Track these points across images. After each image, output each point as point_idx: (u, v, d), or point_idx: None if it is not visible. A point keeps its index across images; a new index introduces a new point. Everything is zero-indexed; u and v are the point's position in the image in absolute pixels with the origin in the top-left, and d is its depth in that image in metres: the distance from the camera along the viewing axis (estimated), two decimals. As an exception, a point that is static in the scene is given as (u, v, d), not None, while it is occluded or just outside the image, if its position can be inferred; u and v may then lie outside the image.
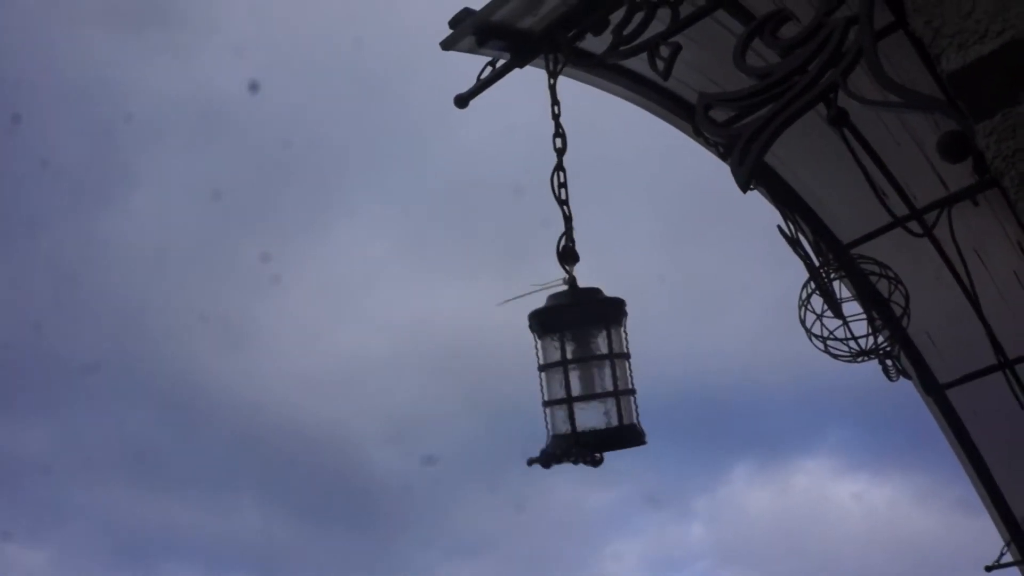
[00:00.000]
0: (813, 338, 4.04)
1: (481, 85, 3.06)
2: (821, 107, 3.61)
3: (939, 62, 1.34)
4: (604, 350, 2.68)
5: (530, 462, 2.62)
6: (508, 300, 2.76)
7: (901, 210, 3.99)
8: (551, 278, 2.80)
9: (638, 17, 2.73)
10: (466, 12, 2.89)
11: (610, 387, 2.65)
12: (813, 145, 3.91)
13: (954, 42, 1.32)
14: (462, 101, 3.06)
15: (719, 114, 2.52)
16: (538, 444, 2.74)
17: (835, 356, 4.06)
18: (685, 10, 2.71)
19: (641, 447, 2.73)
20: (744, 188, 2.30)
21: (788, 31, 2.40)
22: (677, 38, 2.79)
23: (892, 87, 2.06)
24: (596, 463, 2.66)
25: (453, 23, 2.90)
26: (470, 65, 3.12)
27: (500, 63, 3.04)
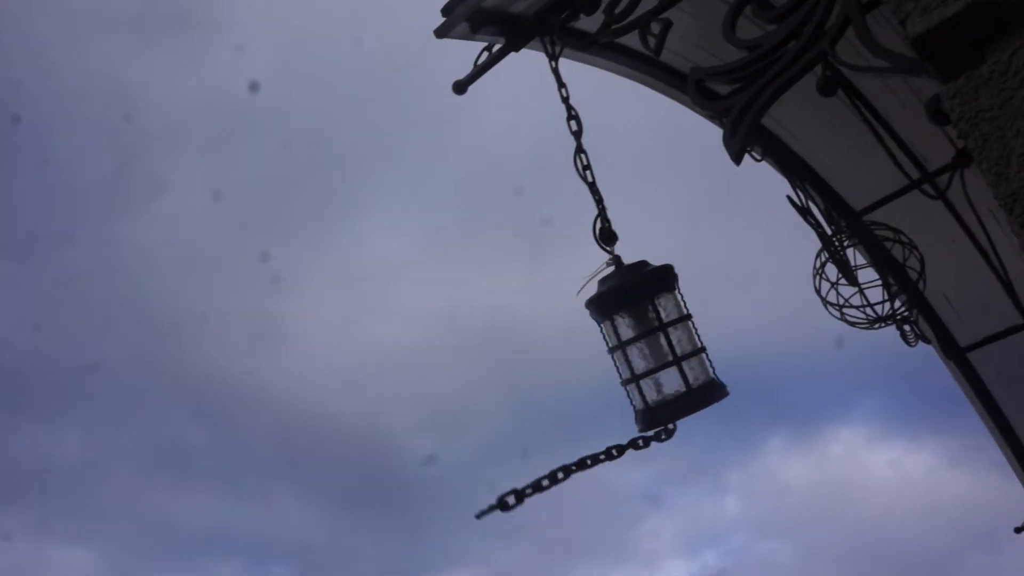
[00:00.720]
0: (829, 306, 4.03)
1: (478, 71, 3.07)
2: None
3: (904, 26, 1.34)
4: (657, 321, 2.71)
5: (479, 515, 2.52)
6: (578, 291, 2.82)
7: (913, 174, 3.95)
8: (590, 258, 2.84)
9: (628, -5, 2.72)
10: (458, -1, 2.90)
11: (670, 356, 2.67)
12: (821, 114, 3.88)
13: (918, 6, 1.32)
14: (460, 87, 3.08)
15: (712, 88, 2.52)
16: (564, 425, 2.76)
17: (852, 323, 4.04)
18: (675, -15, 2.69)
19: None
20: (737, 160, 2.30)
21: (777, 1, 2.39)
22: (671, 12, 2.78)
23: (881, 52, 2.05)
24: (668, 435, 2.71)
25: (446, 11, 2.91)
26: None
27: (496, 48, 3.04)
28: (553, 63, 2.87)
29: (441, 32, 2.93)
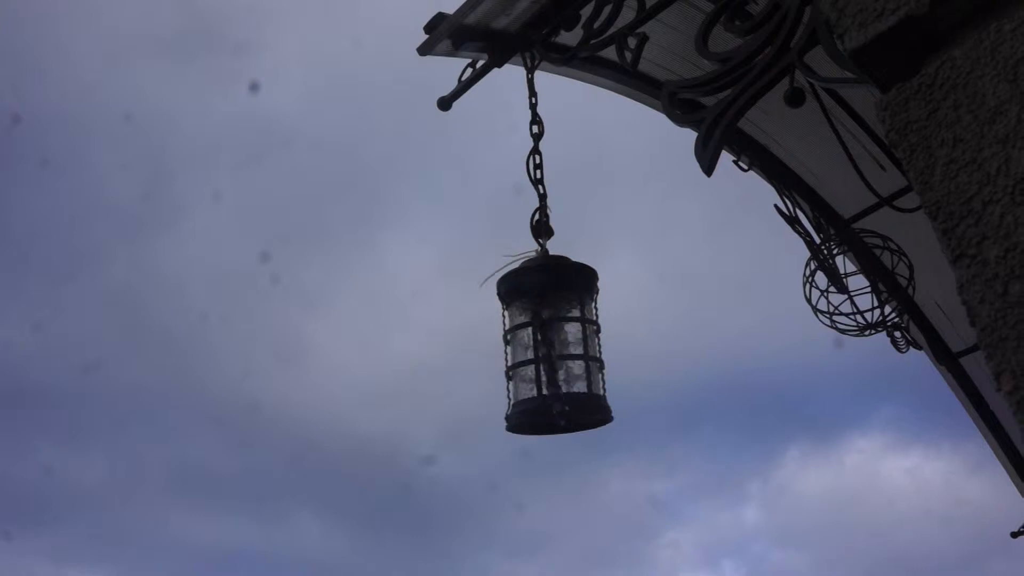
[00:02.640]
0: (819, 314, 4.06)
1: (462, 87, 3.13)
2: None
3: (842, 41, 1.38)
4: (575, 313, 2.63)
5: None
6: (487, 279, 2.74)
7: (900, 182, 3.99)
8: (612, 274, 2.75)
9: (607, 10, 2.78)
10: (440, 16, 2.96)
11: (581, 351, 2.58)
12: (808, 123, 3.92)
13: (855, 21, 1.36)
14: (445, 103, 3.13)
15: (688, 99, 2.57)
16: (587, 439, 2.62)
17: (842, 331, 4.07)
18: (652, -1, 2.75)
19: (610, 425, 2.62)
20: (708, 172, 2.34)
21: (748, 14, 2.44)
22: (650, 25, 2.84)
23: (846, 64, 2.10)
24: (563, 427, 2.57)
25: (428, 28, 2.97)
26: (512, 76, 3.15)
27: (479, 64, 3.10)
28: (529, 75, 2.93)
29: (424, 49, 2.98)
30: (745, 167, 3.88)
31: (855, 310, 4.00)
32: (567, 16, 2.90)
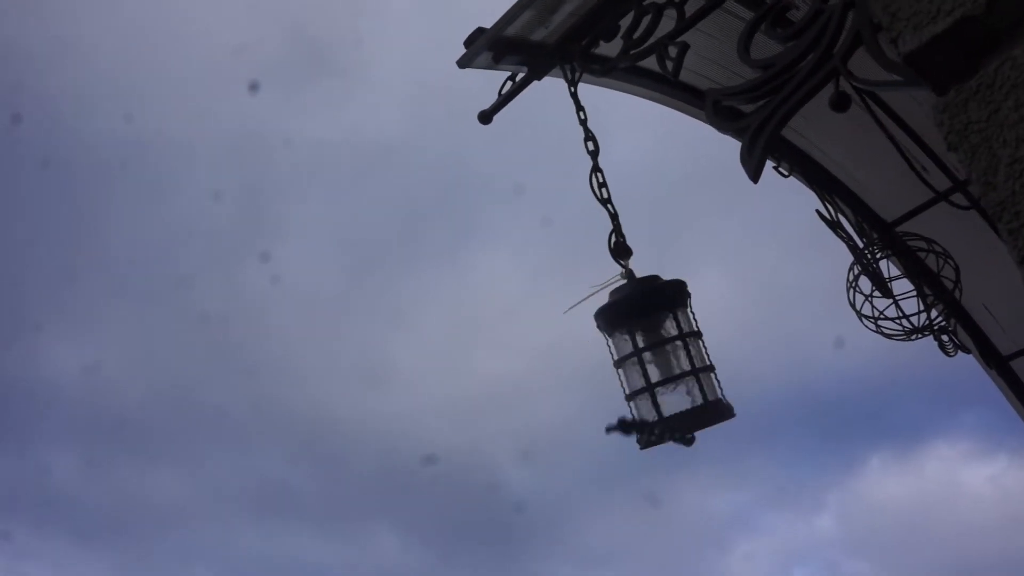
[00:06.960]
0: (864, 319, 4.01)
1: (503, 100, 3.14)
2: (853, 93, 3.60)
3: (896, 44, 1.38)
4: (674, 331, 2.70)
5: (608, 430, 2.62)
6: (573, 306, 2.78)
7: (943, 183, 3.94)
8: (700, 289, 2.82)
9: (646, 20, 2.78)
10: (479, 31, 2.98)
11: (687, 367, 2.67)
12: (847, 128, 3.89)
13: (909, 24, 1.35)
14: (486, 117, 3.14)
15: (730, 106, 2.57)
16: (669, 455, 2.73)
17: (888, 336, 4.02)
18: (691, 8, 2.74)
19: (731, 421, 2.71)
20: (755, 178, 2.33)
21: (789, 21, 2.43)
22: (690, 34, 2.84)
23: (892, 67, 2.08)
24: (688, 443, 2.68)
25: (468, 42, 2.99)
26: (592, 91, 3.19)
27: (519, 77, 3.11)
28: (572, 88, 2.93)
29: (464, 62, 3.00)
30: (786, 173, 3.86)
31: (900, 314, 3.95)
32: (606, 27, 2.91)
